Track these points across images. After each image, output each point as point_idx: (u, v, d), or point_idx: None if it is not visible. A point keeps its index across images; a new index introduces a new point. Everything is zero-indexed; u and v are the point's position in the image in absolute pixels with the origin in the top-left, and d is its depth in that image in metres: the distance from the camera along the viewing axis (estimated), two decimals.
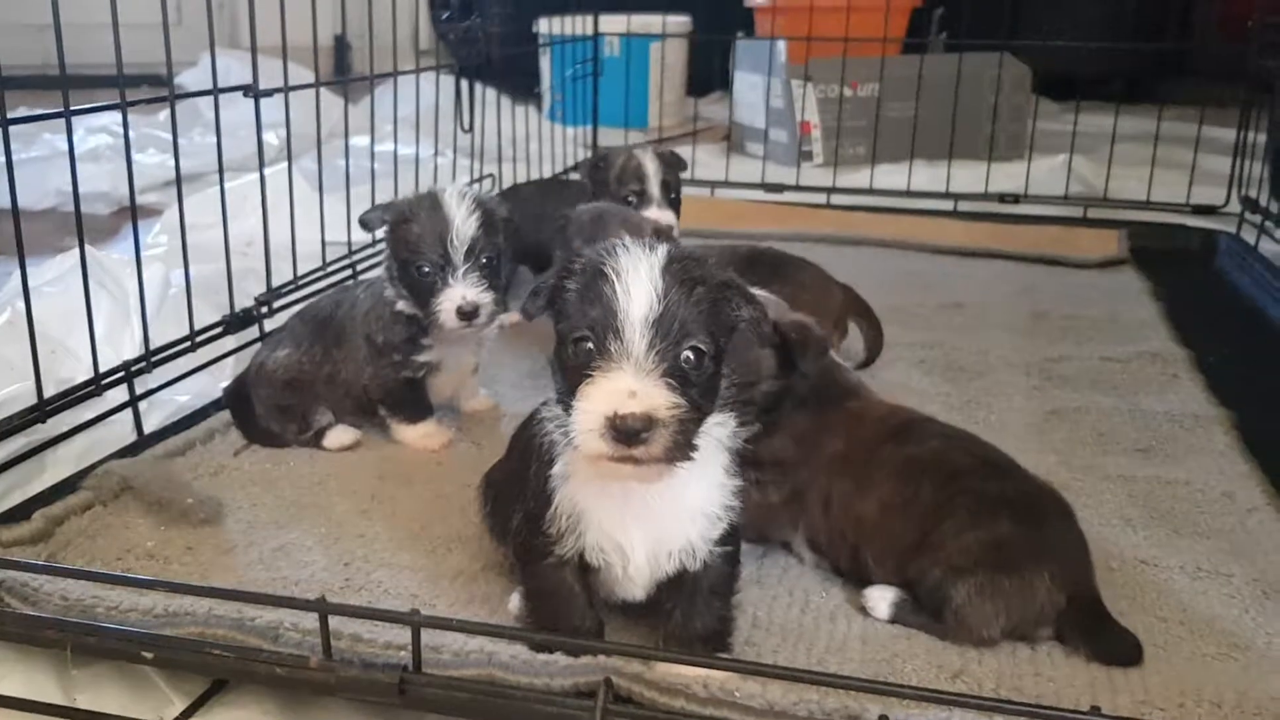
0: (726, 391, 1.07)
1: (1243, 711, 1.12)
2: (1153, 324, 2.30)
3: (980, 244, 2.87)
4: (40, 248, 2.75)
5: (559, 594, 1.12)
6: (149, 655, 1.11)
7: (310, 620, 1.09)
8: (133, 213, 1.69)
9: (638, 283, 0.98)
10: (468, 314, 1.57)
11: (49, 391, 1.53)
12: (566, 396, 1.00)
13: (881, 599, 1.28)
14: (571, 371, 1.00)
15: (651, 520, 1.07)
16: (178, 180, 1.82)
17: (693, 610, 1.13)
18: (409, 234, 1.59)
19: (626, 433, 0.94)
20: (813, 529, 1.36)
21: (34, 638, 1.15)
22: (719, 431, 1.07)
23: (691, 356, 0.99)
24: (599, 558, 1.09)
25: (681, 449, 0.97)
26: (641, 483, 1.02)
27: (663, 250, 1.01)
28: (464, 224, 1.58)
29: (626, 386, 0.95)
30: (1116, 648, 1.20)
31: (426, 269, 1.58)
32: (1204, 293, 2.63)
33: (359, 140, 2.70)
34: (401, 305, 1.64)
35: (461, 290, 1.57)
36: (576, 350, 0.99)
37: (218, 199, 1.86)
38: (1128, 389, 1.95)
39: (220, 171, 1.84)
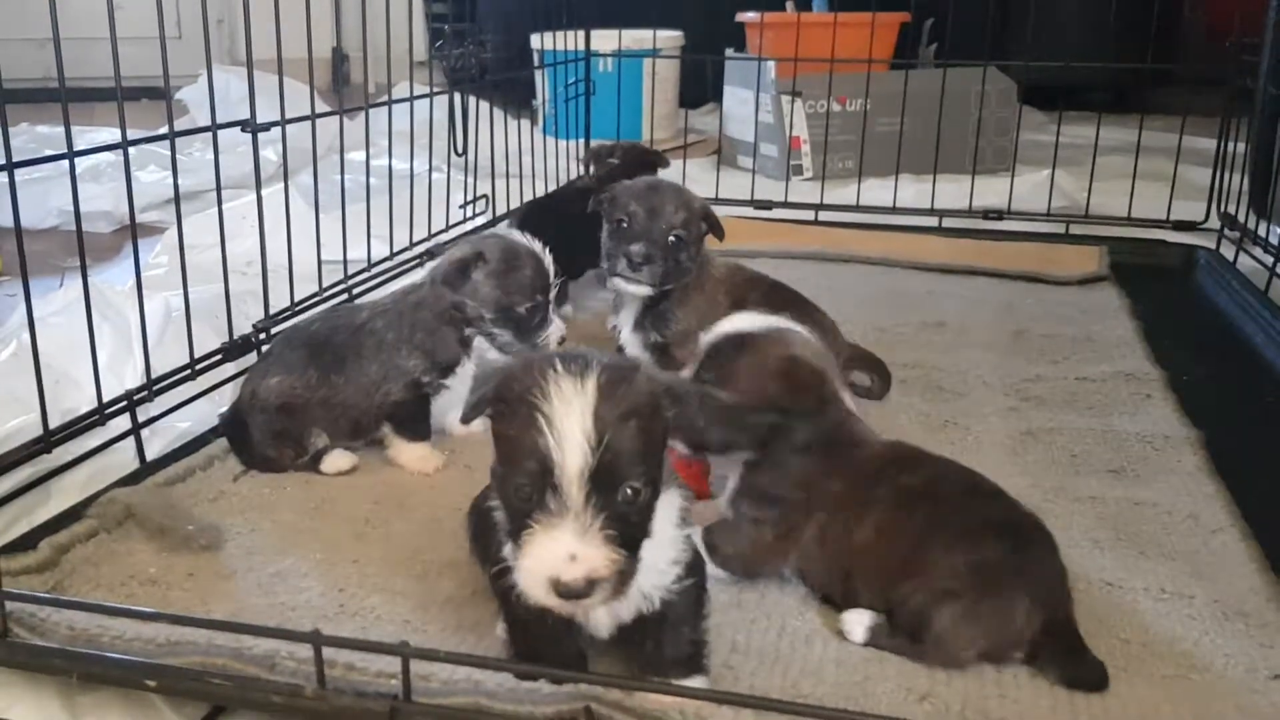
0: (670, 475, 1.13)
1: None
2: (1129, 343, 2.35)
3: (963, 261, 2.92)
4: (43, 268, 2.82)
5: (535, 626, 1.16)
6: (152, 683, 1.16)
7: (305, 649, 1.14)
8: (134, 244, 1.74)
9: (570, 433, 0.99)
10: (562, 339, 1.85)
11: (53, 422, 1.58)
12: (511, 532, 1.06)
13: (858, 623, 1.33)
14: (512, 511, 1.05)
15: None
16: (176, 207, 1.87)
17: (662, 640, 1.18)
18: (518, 280, 1.78)
19: (570, 594, 0.99)
20: (807, 560, 1.40)
21: (41, 666, 1.20)
22: (663, 506, 1.11)
23: (630, 493, 1.02)
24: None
25: (621, 589, 1.03)
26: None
27: (592, 383, 1.02)
28: (551, 265, 1.81)
29: (566, 550, 0.99)
30: (1085, 674, 1.25)
31: (531, 307, 1.79)
32: (1182, 310, 2.68)
33: (355, 155, 2.76)
34: (481, 341, 1.83)
35: (559, 321, 1.85)
36: (516, 495, 1.03)
37: (216, 219, 1.91)
38: (1101, 409, 2.01)
39: (219, 199, 1.89)
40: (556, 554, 0.99)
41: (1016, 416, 1.98)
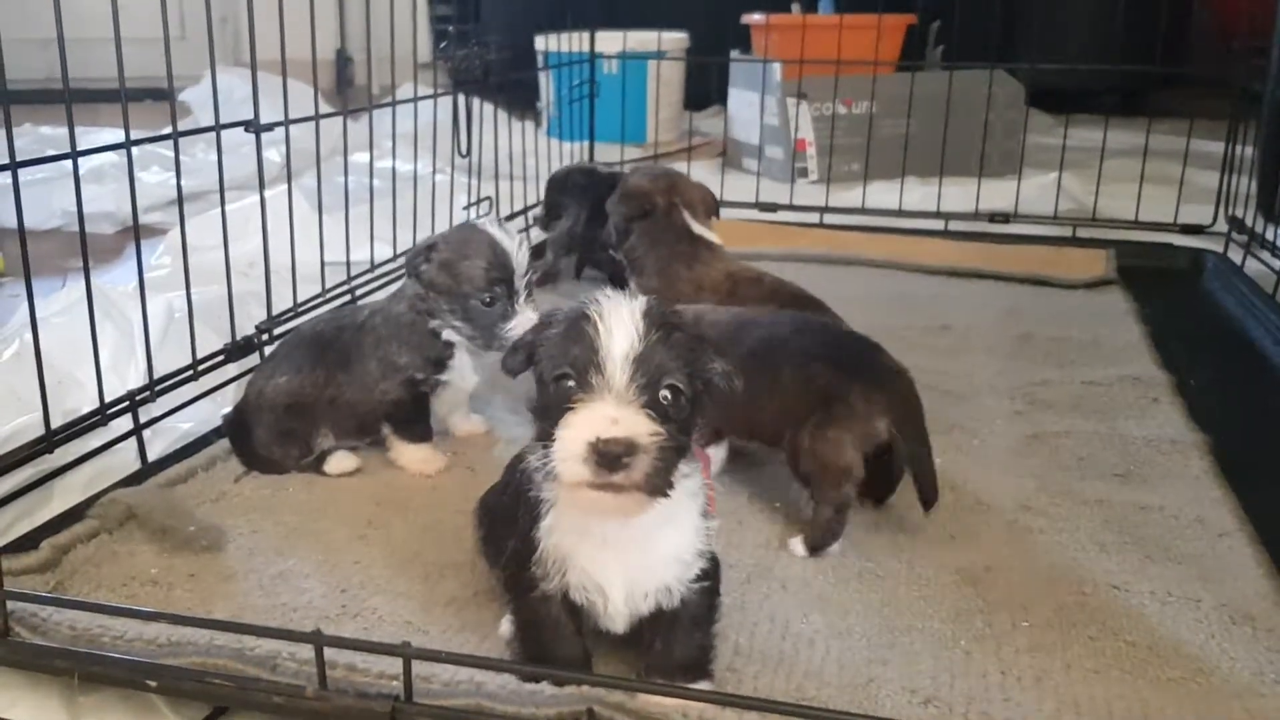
0: None
1: None
2: (1136, 346, 2.34)
3: (969, 264, 2.92)
4: (46, 269, 2.82)
5: (546, 625, 1.16)
6: (153, 684, 1.15)
7: (307, 650, 1.14)
8: (137, 245, 1.74)
9: (619, 324, 1.02)
10: None
11: (55, 422, 1.58)
12: (548, 433, 1.03)
13: (796, 545, 1.51)
14: (553, 409, 1.04)
15: (629, 564, 1.12)
16: (180, 208, 1.87)
17: (673, 641, 1.17)
18: (469, 269, 1.69)
19: (609, 457, 0.97)
20: None
21: (42, 666, 1.20)
22: (691, 481, 1.12)
23: (669, 394, 1.03)
24: (581, 595, 1.14)
25: (661, 479, 1.01)
26: (620, 515, 1.05)
27: (640, 303, 1.06)
28: (518, 253, 1.70)
29: (609, 414, 0.99)
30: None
31: (490, 299, 1.69)
32: (1189, 314, 2.67)
33: (359, 157, 2.76)
34: (449, 334, 1.73)
35: (529, 314, 1.70)
36: (558, 388, 1.04)
37: (219, 220, 1.91)
38: (1108, 413, 2.00)
39: (222, 200, 1.89)
40: (599, 418, 0.99)
41: (1023, 420, 1.97)
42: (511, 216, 3.09)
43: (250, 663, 1.16)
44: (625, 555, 1.11)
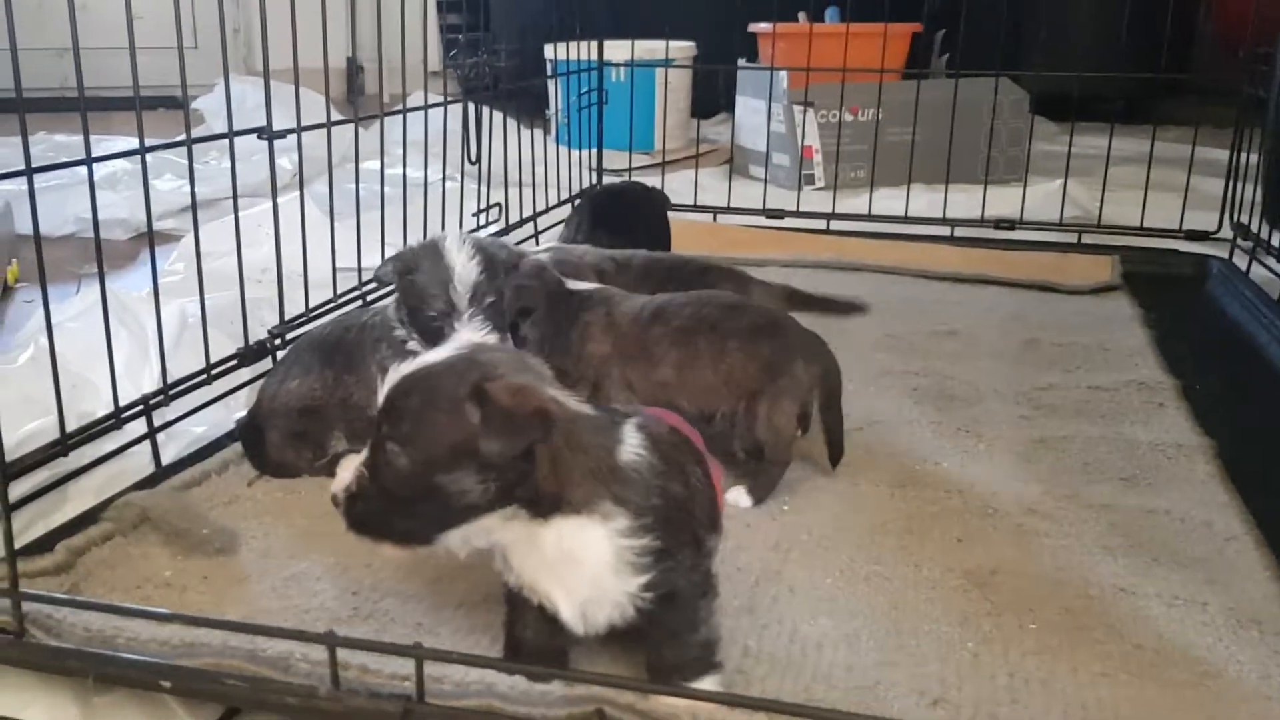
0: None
1: None
2: (1142, 352, 2.35)
3: (975, 270, 2.93)
4: (61, 275, 2.85)
5: (517, 608, 1.21)
6: (167, 684, 1.16)
7: (320, 651, 1.15)
8: (151, 251, 1.76)
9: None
10: None
11: (70, 425, 1.60)
12: None
13: (740, 495, 1.65)
14: None
15: (563, 577, 1.13)
16: (194, 214, 1.89)
17: (663, 645, 1.18)
18: (415, 283, 1.67)
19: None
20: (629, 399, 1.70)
21: (57, 667, 1.21)
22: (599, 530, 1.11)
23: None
24: (534, 598, 1.16)
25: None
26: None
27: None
28: (465, 270, 1.65)
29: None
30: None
31: (434, 315, 1.66)
32: (1195, 320, 2.68)
33: (370, 164, 2.77)
34: (413, 345, 1.71)
35: (467, 335, 1.64)
36: None
37: (232, 226, 1.92)
38: (1114, 418, 2.00)
39: (235, 205, 1.91)
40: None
41: (1029, 424, 1.98)
42: (520, 223, 3.11)
43: (263, 664, 1.18)
44: (556, 569, 1.12)
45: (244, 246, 1.93)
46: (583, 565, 1.11)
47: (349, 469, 1.13)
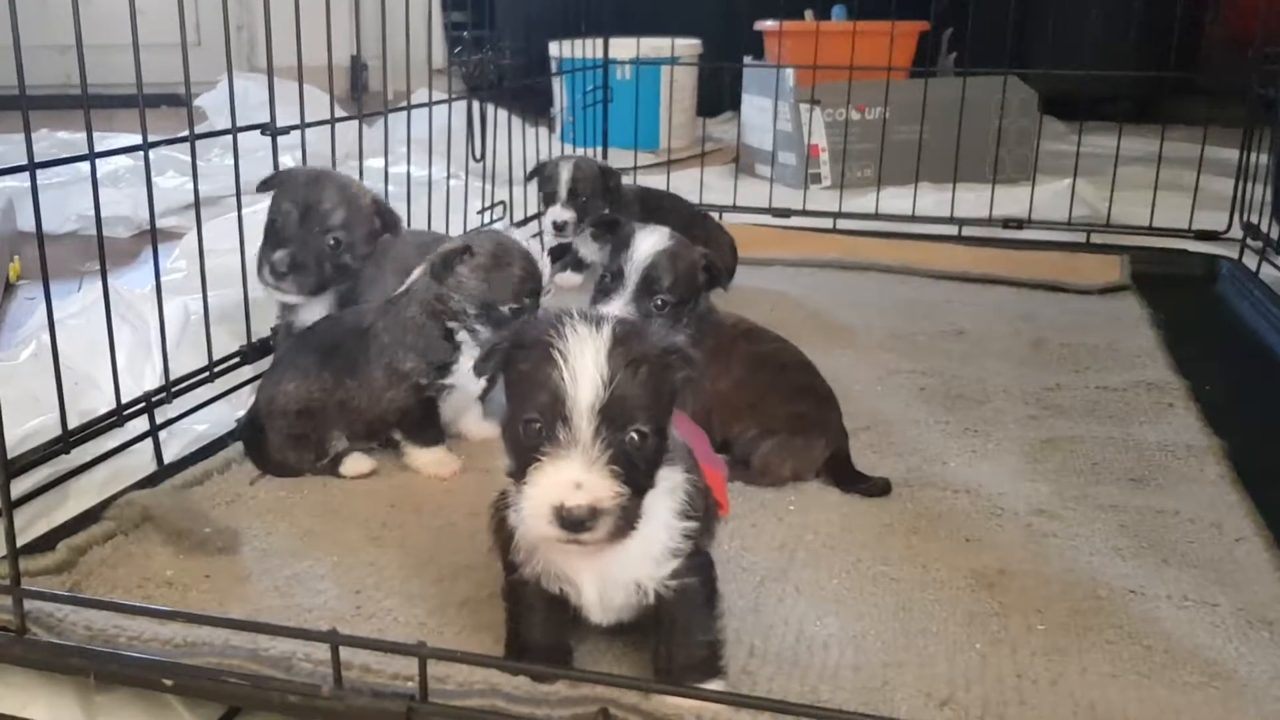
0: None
1: None
2: (1151, 352, 2.33)
3: (983, 270, 2.91)
4: (63, 273, 2.84)
5: (524, 606, 1.20)
6: (169, 683, 1.15)
7: (322, 650, 1.14)
8: (154, 248, 1.75)
9: (584, 368, 1.02)
10: None
11: (72, 423, 1.59)
12: (517, 473, 1.06)
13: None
14: (521, 450, 1.06)
15: (598, 561, 1.12)
16: (197, 211, 1.88)
17: (672, 643, 1.17)
18: (503, 278, 1.73)
19: (572, 522, 1.00)
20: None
21: (59, 665, 1.20)
22: (668, 481, 1.12)
23: (636, 438, 1.04)
24: (554, 585, 1.15)
25: (624, 530, 1.03)
26: (587, 559, 1.09)
27: (608, 329, 1.06)
28: (544, 265, 1.76)
29: (573, 478, 1.00)
30: (867, 488, 1.69)
31: (517, 309, 1.73)
32: (1204, 320, 2.66)
33: (373, 162, 2.76)
34: (464, 336, 1.76)
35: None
36: (526, 431, 1.05)
37: (234, 223, 1.92)
38: (1123, 418, 1.99)
39: (239, 202, 1.90)
40: (563, 481, 1.00)
41: (1037, 424, 1.96)
42: (525, 221, 3.10)
43: (265, 663, 1.17)
44: (594, 554, 1.11)
45: (247, 244, 1.92)
46: (635, 546, 1.10)
47: (562, 487, 1.01)
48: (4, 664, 1.23)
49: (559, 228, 2.71)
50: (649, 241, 1.82)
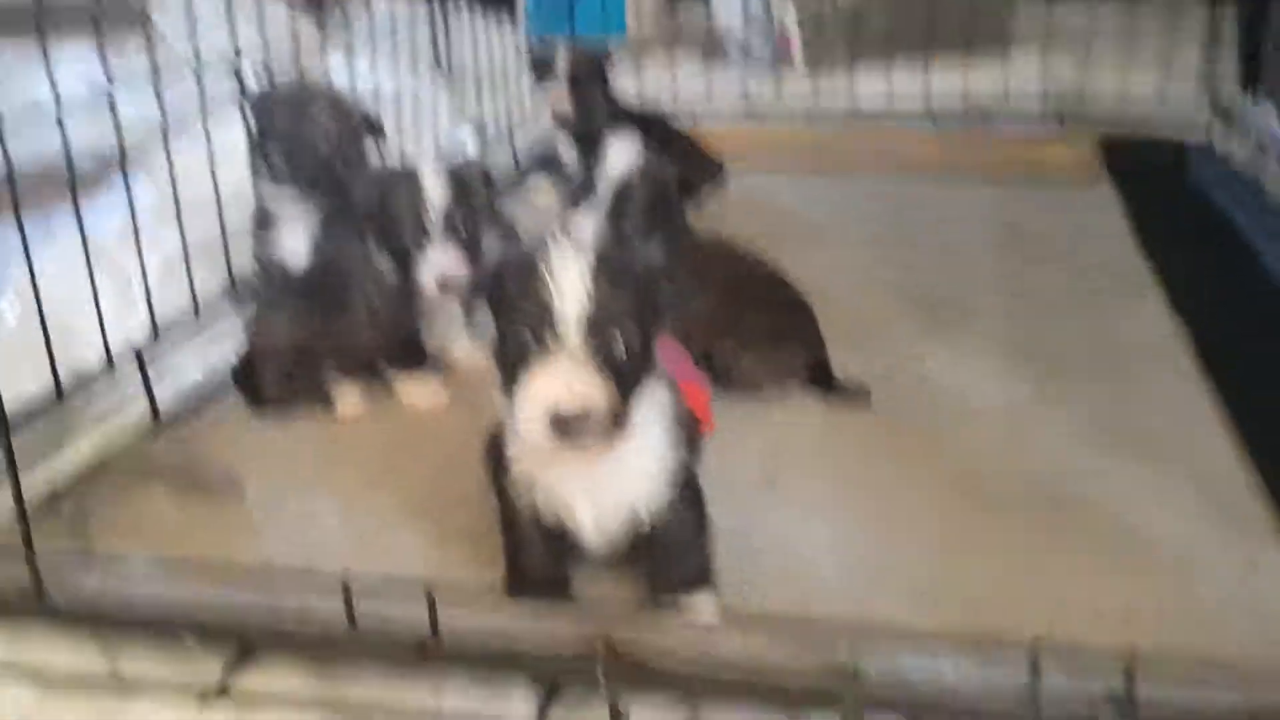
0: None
1: (1188, 622, 1.24)
2: (1121, 240, 2.37)
3: (956, 163, 2.91)
4: (26, 209, 2.78)
5: (521, 538, 1.25)
6: (187, 632, 1.20)
7: (335, 591, 1.18)
8: (127, 188, 1.73)
9: (569, 282, 1.07)
10: (446, 285, 1.68)
11: (63, 377, 1.60)
12: (508, 388, 1.10)
13: None
14: (511, 365, 1.10)
15: (593, 486, 1.17)
16: (165, 140, 1.85)
17: (667, 564, 1.24)
18: (389, 209, 1.68)
19: (565, 424, 1.04)
20: None
21: (77, 619, 1.25)
22: (656, 401, 1.17)
23: (623, 345, 1.08)
24: (551, 515, 1.20)
25: (616, 433, 1.08)
26: (584, 462, 1.13)
27: (590, 246, 1.10)
28: (437, 197, 1.67)
29: (563, 381, 1.05)
30: (846, 395, 1.74)
31: (406, 243, 1.66)
32: (1175, 205, 2.66)
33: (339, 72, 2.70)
34: (390, 276, 1.72)
35: (439, 263, 1.67)
36: (515, 345, 1.09)
37: (199, 151, 1.89)
38: (1094, 310, 2.04)
39: (205, 130, 1.88)
40: (554, 386, 1.04)
41: (1012, 321, 2.01)
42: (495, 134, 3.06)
43: (280, 607, 1.20)
44: (588, 475, 1.16)
45: (215, 171, 1.89)
46: (628, 469, 1.16)
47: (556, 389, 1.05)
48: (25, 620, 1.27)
49: (561, 120, 2.60)
50: (622, 159, 1.82)
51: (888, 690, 1.05)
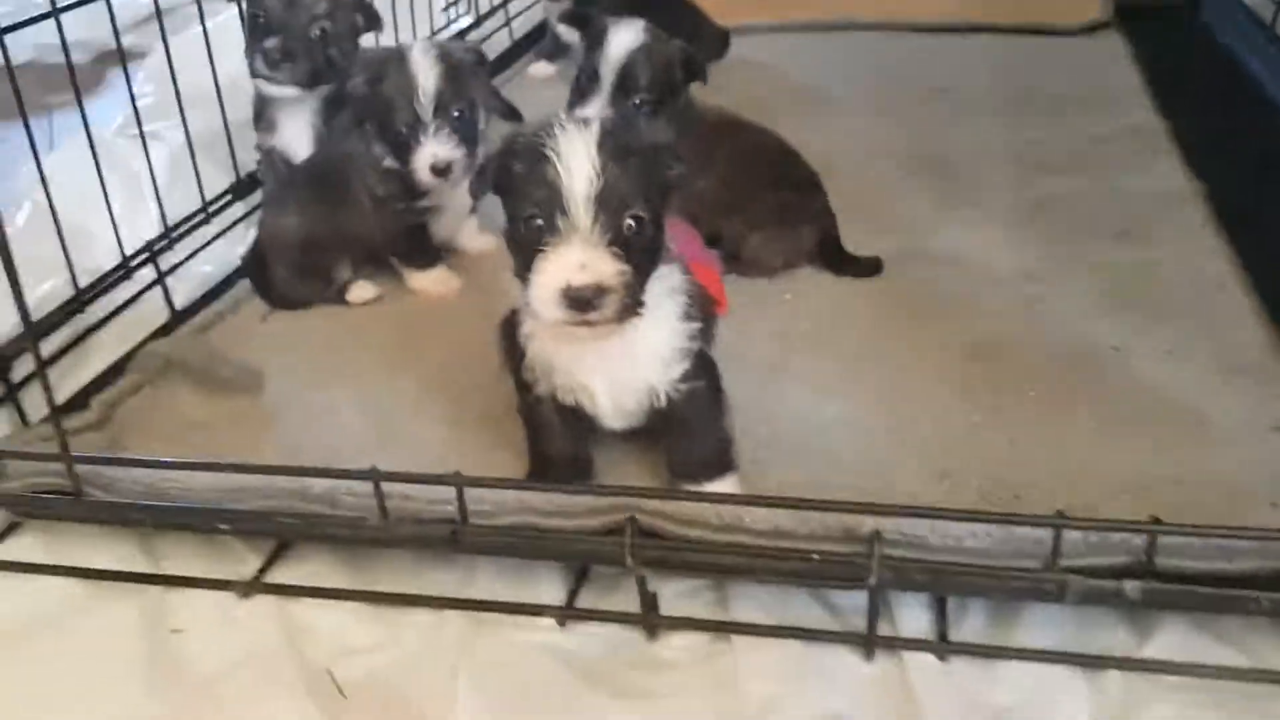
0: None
1: (1201, 485, 1.25)
2: (1134, 94, 2.32)
3: (965, 17, 2.83)
4: (28, 107, 2.73)
5: (542, 423, 1.28)
6: (225, 527, 1.24)
7: (365, 484, 1.21)
8: (129, 85, 1.70)
9: (577, 161, 1.07)
10: (441, 170, 1.66)
11: (80, 280, 1.61)
12: (522, 270, 1.11)
13: None
14: (524, 248, 1.10)
15: (609, 366, 1.19)
16: (161, 28, 1.82)
17: (687, 442, 1.26)
18: (381, 94, 1.66)
19: (579, 301, 1.05)
20: None
21: (119, 520, 1.28)
22: (669, 282, 1.18)
23: (633, 224, 1.09)
24: (569, 397, 1.23)
25: (630, 309, 1.09)
26: (597, 341, 1.13)
27: (596, 126, 1.09)
28: (429, 80, 1.63)
29: (576, 259, 1.05)
30: (858, 269, 1.73)
31: (400, 128, 1.65)
32: (1187, 53, 2.62)
33: None
34: (388, 162, 1.70)
35: (433, 148, 1.65)
36: (527, 228, 1.09)
37: (198, 40, 1.86)
38: (1108, 169, 2.01)
39: (201, 14, 1.84)
40: (567, 264, 1.06)
41: (1024, 185, 1.99)
42: (490, 13, 2.98)
43: (311, 499, 1.22)
44: (604, 355, 1.18)
45: (214, 61, 1.86)
46: (643, 348, 1.17)
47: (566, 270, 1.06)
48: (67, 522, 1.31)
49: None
50: (624, 38, 1.78)
51: (909, 558, 1.07)
